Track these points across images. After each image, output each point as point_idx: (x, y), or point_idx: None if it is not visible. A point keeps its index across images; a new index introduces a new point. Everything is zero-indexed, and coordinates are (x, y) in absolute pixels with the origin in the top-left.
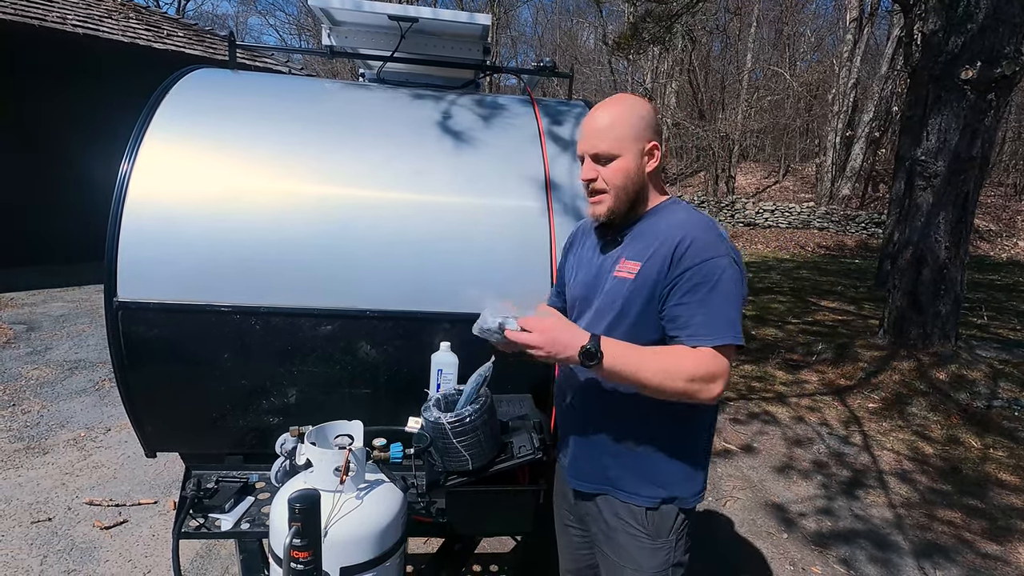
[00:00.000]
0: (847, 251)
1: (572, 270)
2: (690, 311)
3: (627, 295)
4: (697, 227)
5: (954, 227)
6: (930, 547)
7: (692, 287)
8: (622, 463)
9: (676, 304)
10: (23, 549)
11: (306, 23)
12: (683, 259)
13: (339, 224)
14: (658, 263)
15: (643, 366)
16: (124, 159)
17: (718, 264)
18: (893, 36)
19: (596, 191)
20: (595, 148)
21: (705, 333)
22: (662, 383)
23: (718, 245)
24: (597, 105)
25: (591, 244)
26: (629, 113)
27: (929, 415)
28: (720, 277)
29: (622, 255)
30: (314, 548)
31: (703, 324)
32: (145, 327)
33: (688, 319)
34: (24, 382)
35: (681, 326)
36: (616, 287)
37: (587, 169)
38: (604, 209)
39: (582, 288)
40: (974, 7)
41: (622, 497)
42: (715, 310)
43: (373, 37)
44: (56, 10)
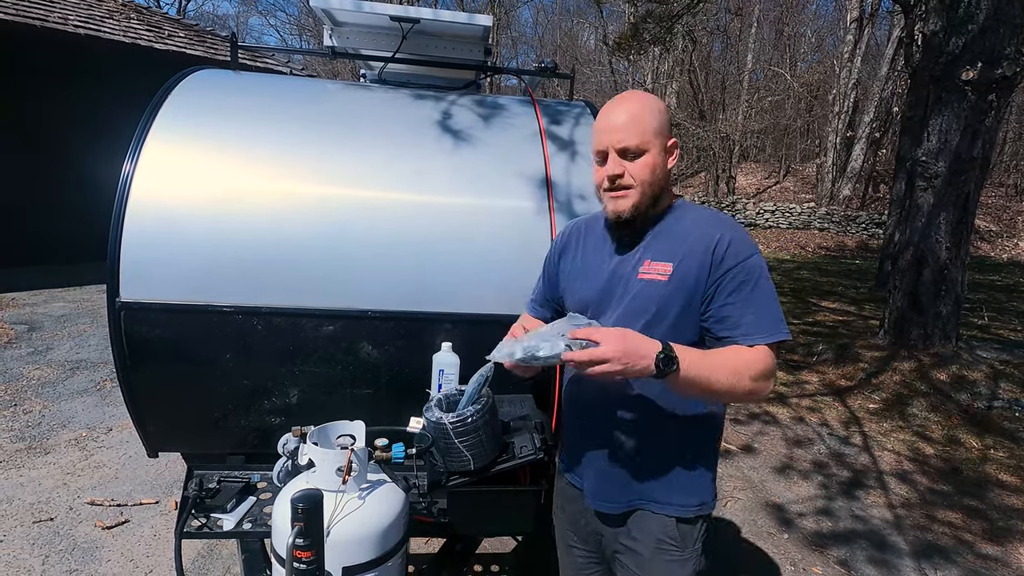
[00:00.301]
0: (847, 252)
1: (569, 277)
2: (739, 310)
3: (663, 298)
4: (727, 226)
5: (955, 228)
6: (930, 548)
7: (737, 286)
8: (655, 476)
9: (724, 304)
10: (25, 549)
11: (307, 23)
12: (724, 259)
13: (340, 224)
14: (695, 264)
15: (715, 370)
16: (127, 160)
17: (757, 261)
18: (894, 37)
19: (622, 187)
20: (623, 142)
21: (759, 331)
22: (733, 386)
23: (751, 242)
24: (615, 100)
25: (593, 247)
26: (652, 108)
27: (929, 416)
28: (761, 274)
29: (645, 256)
30: (317, 548)
31: (755, 323)
32: (147, 327)
33: (738, 318)
34: (25, 382)
35: (731, 326)
36: (647, 290)
37: (613, 164)
38: (629, 205)
39: (592, 293)
40: (975, 8)
41: (655, 509)
42: (763, 307)
43: (374, 38)
44: (57, 11)
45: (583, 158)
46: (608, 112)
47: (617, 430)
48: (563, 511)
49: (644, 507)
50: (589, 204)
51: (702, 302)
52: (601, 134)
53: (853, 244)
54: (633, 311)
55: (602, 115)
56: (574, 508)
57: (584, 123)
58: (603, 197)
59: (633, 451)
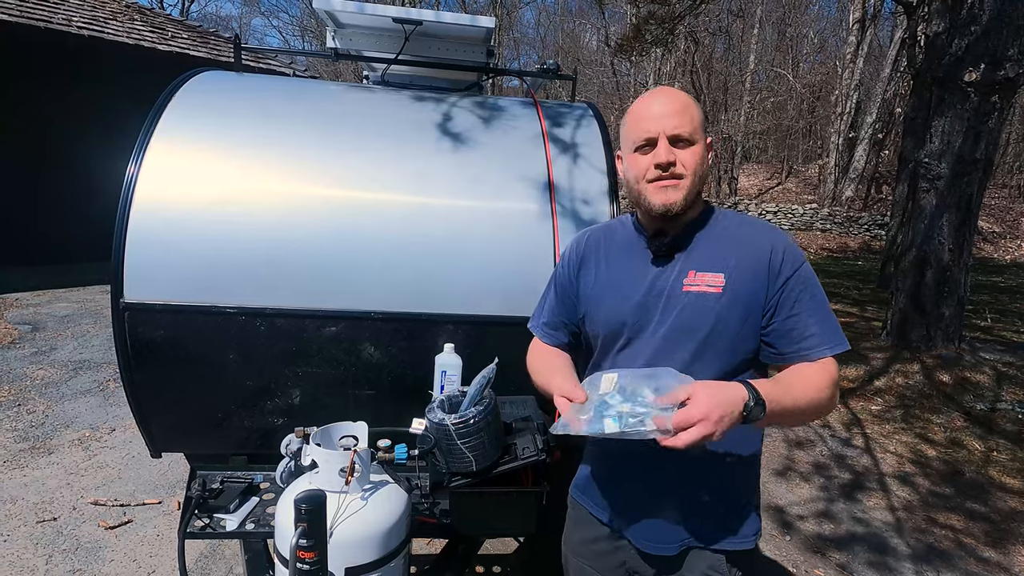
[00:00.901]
0: (850, 253)
1: (592, 293)
2: (803, 322)
3: (720, 312)
4: (776, 232)
5: (957, 229)
6: (931, 551)
7: (798, 296)
8: (710, 513)
9: (788, 317)
10: (28, 548)
11: (309, 25)
12: (782, 268)
13: (343, 226)
14: (749, 274)
15: (798, 398)
16: (131, 161)
17: (809, 268)
18: (896, 38)
19: (675, 175)
20: (677, 129)
21: (825, 343)
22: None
23: (799, 249)
24: (657, 90)
25: (620, 257)
26: (696, 103)
27: (932, 418)
28: (815, 281)
29: (688, 267)
30: (320, 549)
31: (821, 334)
32: (151, 328)
33: (803, 330)
34: (29, 382)
35: (797, 339)
36: (697, 304)
37: (665, 151)
38: (680, 197)
39: (627, 310)
40: (978, 9)
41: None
42: (825, 316)
43: (377, 39)
44: (61, 12)
45: (585, 160)
46: (654, 100)
47: (669, 471)
48: (584, 546)
49: (698, 545)
50: (591, 206)
51: (763, 315)
52: (648, 120)
53: (855, 245)
54: (681, 328)
55: (646, 103)
56: (604, 547)
57: (586, 125)
58: (644, 191)
59: (687, 491)
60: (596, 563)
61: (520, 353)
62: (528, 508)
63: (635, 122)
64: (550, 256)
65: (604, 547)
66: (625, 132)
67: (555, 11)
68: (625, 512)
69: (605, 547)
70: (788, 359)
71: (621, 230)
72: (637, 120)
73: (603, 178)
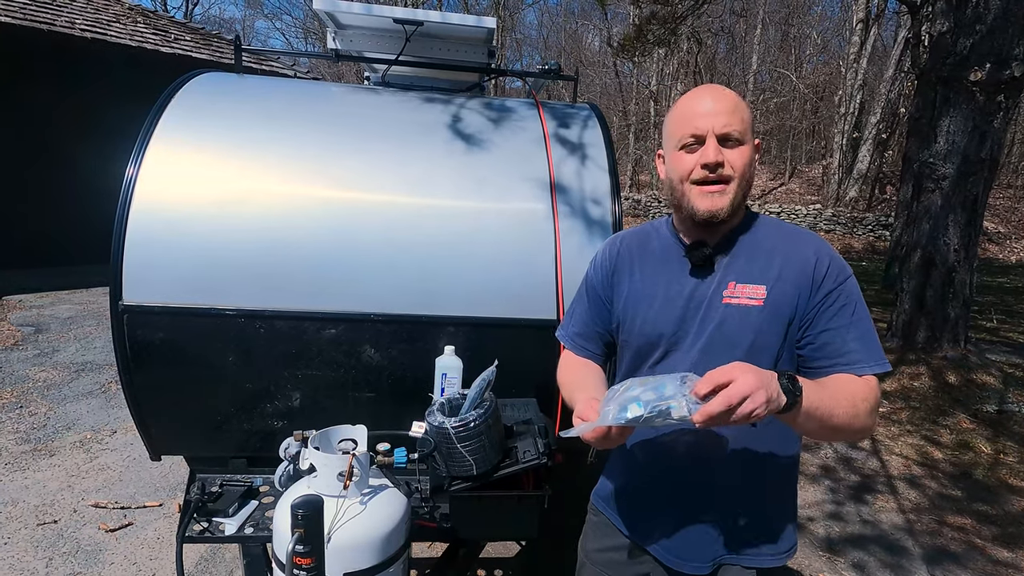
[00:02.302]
0: (854, 253)
1: (628, 302)
2: (841, 336)
3: (761, 326)
4: (821, 243)
5: (963, 230)
6: (941, 553)
7: (839, 310)
8: (745, 529)
9: (824, 330)
10: (29, 551)
11: (312, 27)
12: (825, 279)
13: (344, 227)
14: (791, 285)
15: (835, 403)
16: (130, 163)
17: (854, 283)
18: (900, 38)
19: (722, 178)
20: (728, 127)
21: (864, 359)
22: (851, 418)
23: (845, 262)
24: (705, 87)
25: (656, 266)
26: (744, 103)
27: (939, 419)
28: (859, 297)
29: (728, 278)
30: (317, 555)
31: (860, 350)
32: (150, 330)
33: (841, 345)
34: (31, 384)
35: (833, 353)
36: (738, 317)
37: (713, 150)
38: (727, 202)
39: (666, 321)
40: (983, 9)
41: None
42: (866, 333)
43: (378, 40)
44: (64, 15)
45: (588, 160)
46: (703, 96)
47: (700, 486)
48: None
49: (733, 562)
50: (593, 207)
51: (799, 328)
52: (697, 117)
53: (860, 246)
54: (720, 342)
55: (694, 99)
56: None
57: (590, 126)
58: (689, 193)
59: (721, 507)
60: (613, 571)
61: (520, 355)
62: (529, 512)
63: (681, 119)
64: (551, 257)
65: (623, 557)
66: (669, 129)
67: (557, 12)
68: (651, 528)
69: (624, 558)
70: (824, 375)
71: (656, 236)
72: (684, 117)
73: (605, 178)
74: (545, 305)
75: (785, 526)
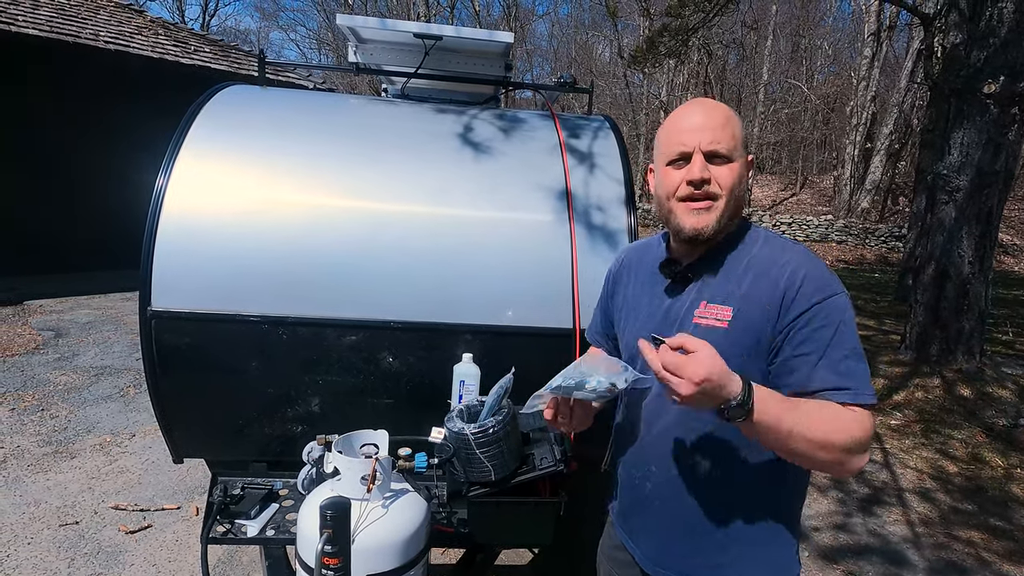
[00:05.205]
0: (866, 265)
1: (620, 314)
2: (812, 361)
3: (724, 348)
4: (803, 258)
5: (978, 242)
6: (950, 567)
7: (811, 333)
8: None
9: (794, 356)
10: (51, 552)
11: (326, 38)
12: (797, 300)
13: (364, 236)
14: (760, 306)
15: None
16: (160, 174)
17: (839, 303)
18: (912, 49)
19: (708, 196)
20: (715, 144)
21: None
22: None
23: (834, 279)
24: (695, 102)
25: (644, 280)
26: (733, 115)
27: (952, 433)
28: (843, 318)
29: (701, 296)
30: (343, 555)
31: (833, 379)
32: (177, 336)
33: (810, 373)
34: (52, 387)
35: (801, 381)
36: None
37: (699, 166)
38: (713, 220)
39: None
40: (996, 21)
41: None
42: (846, 360)
43: (397, 54)
44: (89, 27)
45: (603, 171)
46: (692, 111)
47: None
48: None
49: None
50: (609, 217)
51: (770, 352)
52: (684, 133)
53: (872, 257)
54: None
55: (683, 114)
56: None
57: (604, 137)
58: (675, 209)
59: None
60: (619, 571)
61: (537, 363)
62: (546, 519)
63: (670, 134)
64: (567, 267)
65: (622, 558)
66: (659, 144)
67: (568, 23)
68: (637, 530)
69: (627, 558)
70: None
71: (655, 249)
72: (672, 131)
73: (620, 189)
74: (561, 314)
75: (779, 553)
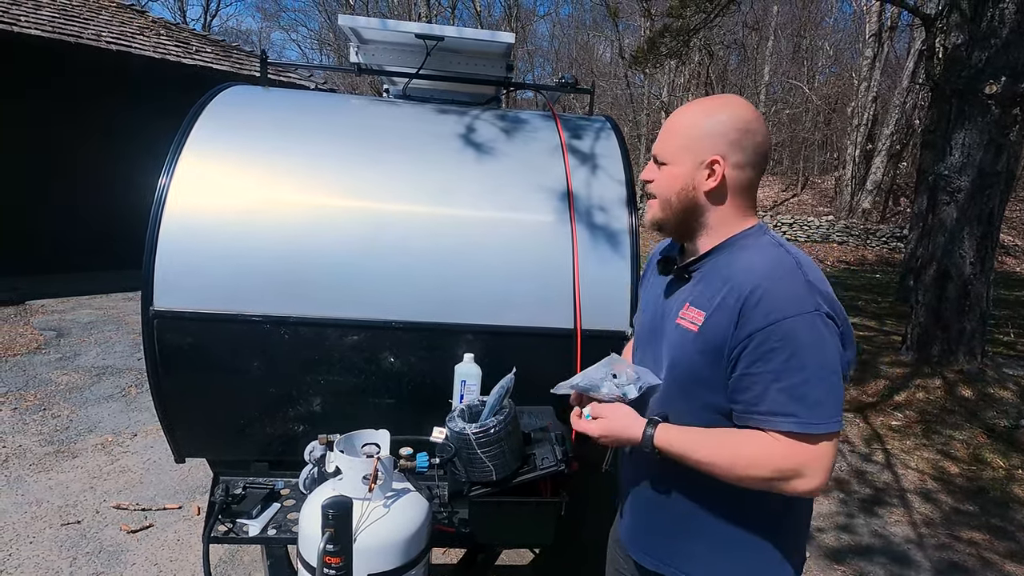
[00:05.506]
0: (867, 265)
1: (639, 307)
2: (763, 384)
3: (692, 352)
4: (774, 273)
5: (979, 243)
6: (953, 568)
7: (763, 354)
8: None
9: (744, 374)
10: (53, 551)
11: (327, 38)
12: (752, 316)
13: (365, 236)
14: (725, 317)
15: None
16: (162, 173)
17: (798, 325)
18: (914, 50)
19: (649, 194)
20: (657, 148)
21: (779, 413)
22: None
23: (802, 299)
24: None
25: (655, 277)
26: (700, 117)
27: (954, 434)
28: (802, 342)
29: (687, 299)
30: (345, 554)
31: (783, 402)
32: (179, 336)
33: (759, 395)
34: (54, 387)
35: (751, 402)
36: (679, 339)
37: (648, 168)
38: (650, 216)
39: (646, 331)
40: (998, 22)
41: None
42: (800, 385)
43: (399, 55)
44: (91, 28)
45: (605, 171)
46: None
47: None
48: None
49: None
50: (610, 217)
51: (728, 363)
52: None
53: (873, 258)
54: (662, 359)
55: None
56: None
57: (606, 137)
58: None
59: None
60: (612, 550)
61: (538, 363)
62: (546, 519)
63: None
64: (569, 267)
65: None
66: None
67: (569, 24)
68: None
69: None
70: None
71: (674, 246)
72: None
73: (622, 189)
74: (562, 314)
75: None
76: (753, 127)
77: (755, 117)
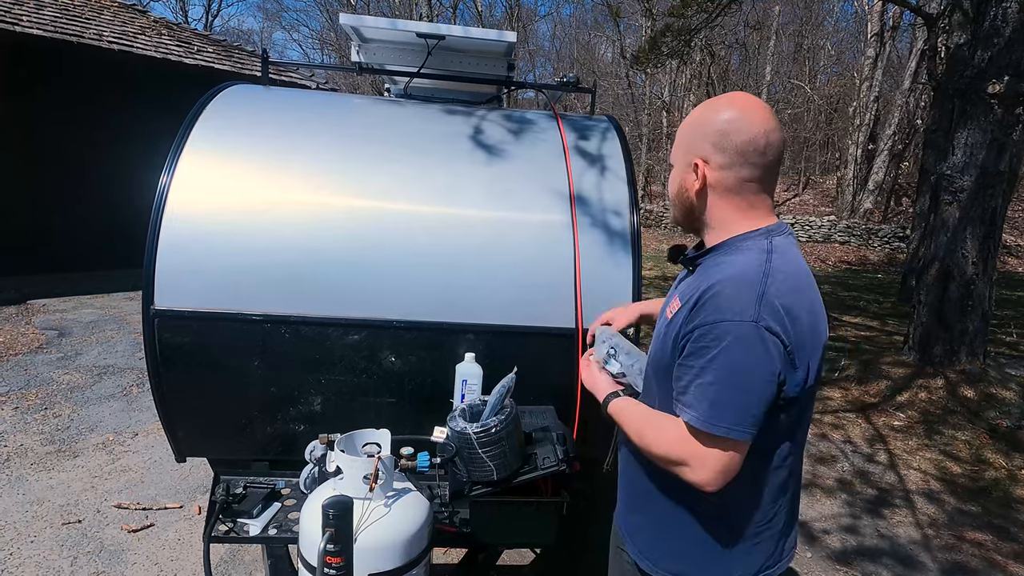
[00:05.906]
0: (870, 265)
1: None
2: (689, 377)
3: (663, 339)
4: (736, 278)
5: (982, 242)
6: (958, 568)
7: (697, 349)
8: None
9: (680, 363)
10: (54, 550)
11: (328, 38)
12: (700, 312)
13: (367, 236)
14: (687, 308)
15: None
16: (163, 173)
17: (732, 330)
18: (916, 49)
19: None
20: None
21: (689, 405)
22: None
23: (745, 308)
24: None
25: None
26: (690, 119)
27: (956, 434)
28: (728, 347)
29: (679, 291)
30: (346, 554)
31: (694, 397)
32: (180, 335)
33: (685, 385)
34: (55, 386)
35: (679, 390)
36: (660, 327)
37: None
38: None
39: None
40: (1001, 21)
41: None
42: (710, 385)
43: (400, 54)
44: (93, 27)
45: (607, 172)
46: None
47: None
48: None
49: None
50: (612, 217)
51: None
52: None
53: (875, 258)
54: (652, 349)
55: None
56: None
57: (608, 137)
58: None
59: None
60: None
61: (539, 363)
62: (547, 519)
63: None
64: (570, 267)
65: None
66: None
67: (570, 23)
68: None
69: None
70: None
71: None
72: None
73: (624, 189)
74: (563, 314)
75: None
76: (735, 127)
77: (739, 116)
